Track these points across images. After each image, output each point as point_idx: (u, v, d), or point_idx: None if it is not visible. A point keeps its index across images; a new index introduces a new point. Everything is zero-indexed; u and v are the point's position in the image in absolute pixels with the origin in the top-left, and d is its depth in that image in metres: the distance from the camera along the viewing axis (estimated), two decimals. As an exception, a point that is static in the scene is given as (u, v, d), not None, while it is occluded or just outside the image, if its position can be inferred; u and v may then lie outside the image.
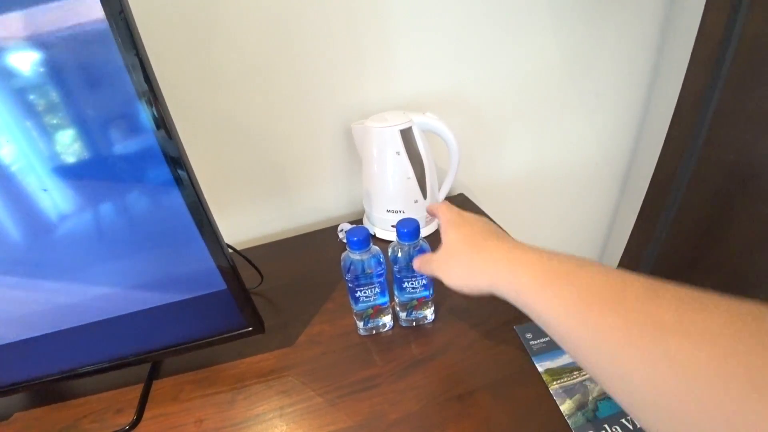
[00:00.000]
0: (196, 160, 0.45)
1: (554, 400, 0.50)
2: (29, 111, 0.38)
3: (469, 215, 0.50)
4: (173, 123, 0.41)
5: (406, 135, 0.70)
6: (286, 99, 0.77)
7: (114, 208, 0.44)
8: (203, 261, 0.48)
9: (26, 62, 0.36)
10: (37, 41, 0.35)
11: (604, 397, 0.50)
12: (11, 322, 0.50)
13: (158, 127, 0.40)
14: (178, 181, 0.43)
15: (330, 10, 0.71)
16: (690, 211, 1.19)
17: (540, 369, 0.54)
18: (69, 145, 0.40)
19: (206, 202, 0.46)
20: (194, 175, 0.44)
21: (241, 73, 0.72)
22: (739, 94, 0.99)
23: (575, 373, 0.53)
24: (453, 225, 0.48)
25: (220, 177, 0.81)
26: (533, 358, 0.55)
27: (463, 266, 0.43)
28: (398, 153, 0.70)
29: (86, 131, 0.40)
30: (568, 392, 0.51)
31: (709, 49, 1.02)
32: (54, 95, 0.38)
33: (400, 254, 0.54)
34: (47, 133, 0.39)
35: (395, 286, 0.58)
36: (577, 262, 0.35)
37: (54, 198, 0.42)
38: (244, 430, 0.52)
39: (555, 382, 0.52)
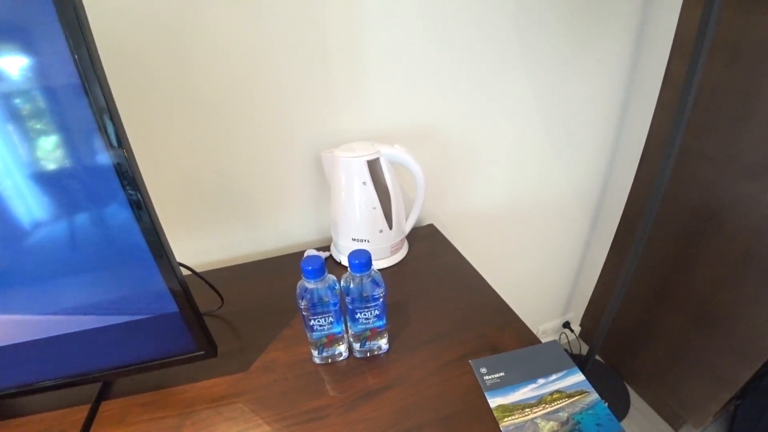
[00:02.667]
0: (160, 180, 0.45)
1: (502, 438, 0.50)
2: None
3: None
4: (127, 139, 0.41)
5: (373, 166, 0.71)
6: (257, 123, 0.77)
7: (62, 223, 0.43)
8: (154, 282, 0.48)
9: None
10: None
11: (552, 437, 0.50)
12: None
13: (112, 144, 0.40)
14: (130, 199, 0.43)
15: (305, 40, 0.72)
16: (658, 246, 1.23)
17: (492, 405, 0.54)
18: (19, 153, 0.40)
19: (159, 223, 0.46)
20: (147, 193, 0.44)
21: (211, 94, 0.72)
22: (701, 137, 1.04)
23: (527, 410, 0.53)
24: None
25: (185, 198, 0.80)
26: (486, 394, 0.55)
27: None
28: (365, 183, 0.71)
29: (37, 143, 0.39)
30: (519, 430, 0.51)
31: (674, 93, 1.07)
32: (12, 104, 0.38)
33: (352, 285, 0.55)
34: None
35: (348, 317, 0.58)
36: None
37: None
38: (187, 459, 0.51)
39: (506, 419, 0.52)
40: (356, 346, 0.60)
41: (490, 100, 0.94)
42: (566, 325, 1.56)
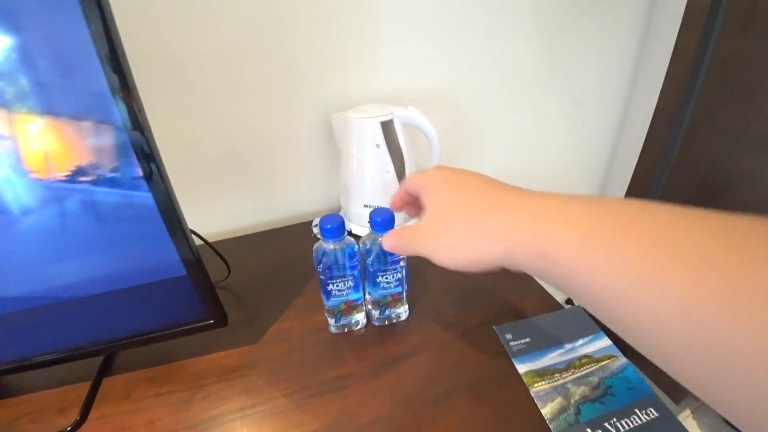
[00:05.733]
0: (167, 146, 0.42)
1: (535, 403, 0.47)
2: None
3: (457, 169, 0.39)
4: (141, 104, 0.38)
5: (387, 128, 0.67)
6: (265, 87, 0.74)
7: (69, 183, 0.40)
8: (162, 242, 0.44)
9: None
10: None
11: (587, 400, 0.48)
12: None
13: (127, 108, 0.36)
14: (140, 155, 0.39)
15: (314, -1, 0.69)
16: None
17: (521, 371, 0.51)
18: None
19: (170, 182, 0.42)
20: (158, 151, 0.40)
21: (213, 54, 0.68)
22: (710, 111, 1.02)
23: (557, 375, 0.51)
24: (438, 184, 0.37)
25: (191, 166, 0.76)
26: (513, 360, 0.53)
27: (461, 234, 0.32)
28: (378, 146, 0.67)
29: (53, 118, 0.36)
30: (550, 395, 0.48)
31: (683, 67, 1.05)
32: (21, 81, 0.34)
33: (373, 247, 0.51)
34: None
35: (368, 282, 0.55)
36: (619, 206, 0.25)
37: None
38: (201, 433, 0.47)
39: (536, 384, 0.50)
40: (375, 313, 0.57)
41: (501, 68, 0.92)
42: (569, 301, 1.55)
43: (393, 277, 0.53)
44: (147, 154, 0.39)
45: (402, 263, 0.53)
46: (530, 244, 0.27)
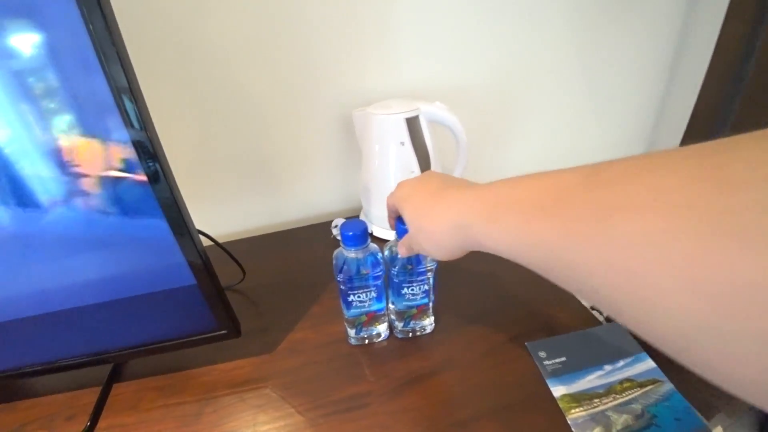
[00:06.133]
0: (172, 142, 0.38)
1: (572, 432, 0.43)
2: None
3: (416, 177, 0.44)
4: (143, 97, 0.35)
5: (412, 124, 0.63)
6: (281, 82, 0.70)
7: (74, 186, 0.37)
8: (169, 250, 0.41)
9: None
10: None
11: (630, 430, 0.43)
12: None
13: (126, 103, 0.33)
14: (143, 155, 0.36)
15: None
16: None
17: (555, 394, 0.47)
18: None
19: (175, 183, 0.39)
20: (161, 149, 0.37)
21: (228, 47, 0.65)
22: (757, 109, 0.95)
23: (596, 400, 0.46)
24: (406, 195, 0.41)
25: (204, 163, 0.74)
26: (547, 381, 0.48)
27: (433, 225, 0.36)
28: (402, 143, 0.63)
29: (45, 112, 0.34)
30: (588, 424, 0.44)
31: (728, 61, 0.98)
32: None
33: (399, 255, 0.47)
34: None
35: (392, 292, 0.51)
36: (516, 181, 0.30)
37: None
38: (209, 451, 0.44)
39: (573, 411, 0.45)
40: (399, 325, 0.53)
41: (530, 60, 0.86)
42: (594, 307, 1.50)
43: (420, 288, 0.49)
44: (150, 153, 0.36)
45: (429, 274, 0.49)
46: (464, 230, 0.32)
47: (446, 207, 0.35)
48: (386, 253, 0.49)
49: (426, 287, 0.49)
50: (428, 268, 0.48)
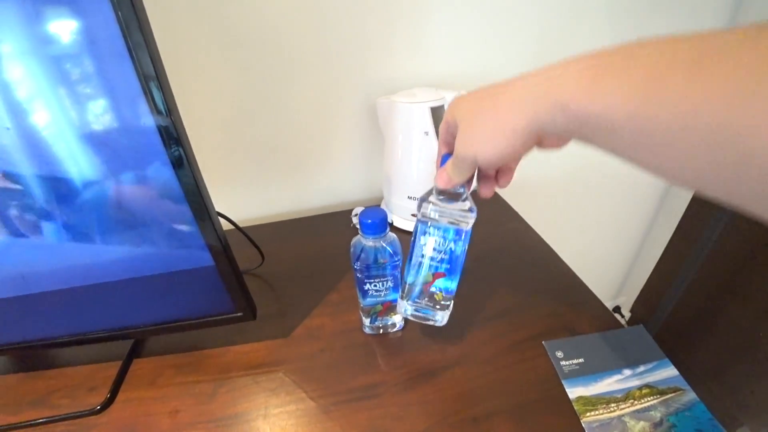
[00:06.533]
0: (205, 127, 0.38)
1: (587, 437, 0.42)
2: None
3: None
4: (168, 81, 0.35)
5: (437, 114, 0.62)
6: (306, 68, 0.70)
7: (95, 166, 0.38)
8: (190, 232, 0.41)
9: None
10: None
11: (648, 439, 0.42)
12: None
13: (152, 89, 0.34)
14: (168, 141, 0.36)
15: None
16: (735, 232, 1.10)
17: (571, 396, 0.46)
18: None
19: (198, 168, 0.39)
20: (186, 136, 0.37)
21: (254, 33, 0.65)
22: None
23: (613, 405, 0.45)
24: (458, 100, 0.38)
25: (228, 147, 0.74)
26: (564, 382, 0.47)
27: (491, 120, 0.33)
28: (427, 133, 0.62)
29: (77, 98, 0.34)
30: (604, 428, 0.43)
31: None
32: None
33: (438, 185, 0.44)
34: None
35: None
36: (623, 46, 0.26)
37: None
38: (222, 429, 0.45)
39: (588, 414, 0.44)
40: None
41: (564, 53, 0.82)
42: (616, 309, 1.46)
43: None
44: (174, 138, 0.36)
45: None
46: (549, 103, 0.28)
47: (519, 92, 0.31)
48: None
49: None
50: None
